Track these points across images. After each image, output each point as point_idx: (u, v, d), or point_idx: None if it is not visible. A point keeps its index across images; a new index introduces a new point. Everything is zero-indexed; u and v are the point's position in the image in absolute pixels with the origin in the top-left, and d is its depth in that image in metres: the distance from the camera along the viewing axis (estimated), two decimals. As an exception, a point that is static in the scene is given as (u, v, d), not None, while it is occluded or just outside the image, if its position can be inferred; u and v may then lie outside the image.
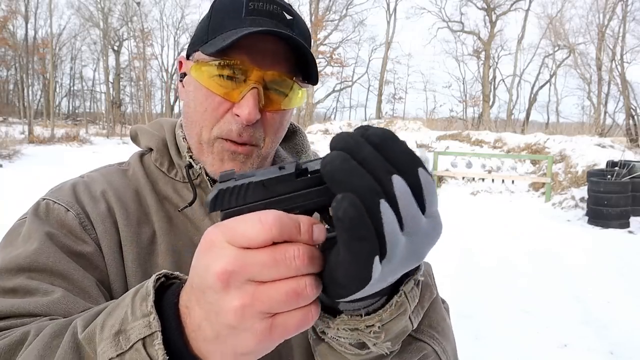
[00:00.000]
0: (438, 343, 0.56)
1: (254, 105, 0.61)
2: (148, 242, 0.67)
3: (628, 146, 15.77)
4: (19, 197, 9.05)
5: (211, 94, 0.63)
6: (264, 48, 0.62)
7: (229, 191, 0.38)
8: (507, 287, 4.81)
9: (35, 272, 0.57)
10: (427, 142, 14.82)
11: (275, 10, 0.64)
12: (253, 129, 0.64)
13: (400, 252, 0.35)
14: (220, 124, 0.64)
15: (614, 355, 3.45)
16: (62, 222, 0.64)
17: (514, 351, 3.46)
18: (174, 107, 34.23)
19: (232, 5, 0.64)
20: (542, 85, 31.36)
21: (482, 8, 30.32)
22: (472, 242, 6.60)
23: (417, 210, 0.35)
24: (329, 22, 32.70)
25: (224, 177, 0.39)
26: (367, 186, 0.33)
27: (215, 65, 0.62)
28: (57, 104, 36.99)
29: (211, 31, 0.64)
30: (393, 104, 38.39)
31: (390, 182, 0.34)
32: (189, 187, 0.71)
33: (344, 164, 0.33)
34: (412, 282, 0.45)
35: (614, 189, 7.74)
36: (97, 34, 33.04)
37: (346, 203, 0.32)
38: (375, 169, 0.34)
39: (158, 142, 0.75)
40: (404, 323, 0.45)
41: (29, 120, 21.24)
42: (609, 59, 24.62)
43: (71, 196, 0.67)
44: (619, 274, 5.32)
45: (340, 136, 0.36)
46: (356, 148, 0.34)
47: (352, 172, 0.33)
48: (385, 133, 0.36)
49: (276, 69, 0.63)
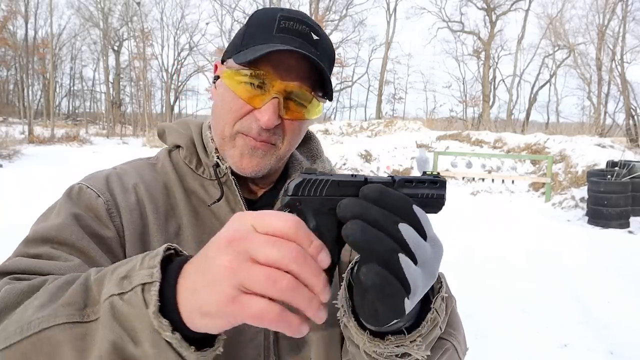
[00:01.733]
0: (454, 337, 0.65)
1: (274, 112, 0.68)
2: (174, 234, 0.72)
3: (628, 146, 15.78)
4: (19, 197, 9.05)
5: (237, 97, 0.70)
6: (288, 63, 0.68)
7: (310, 182, 0.48)
8: (507, 287, 4.81)
9: (58, 244, 0.63)
10: (427, 142, 14.82)
11: (304, 31, 0.70)
12: (271, 132, 0.71)
13: (420, 282, 0.44)
14: (242, 121, 0.71)
15: (614, 355, 3.45)
16: (90, 206, 0.69)
17: (514, 351, 3.46)
18: (173, 107, 34.24)
19: (266, 21, 0.70)
20: (542, 85, 31.39)
21: (482, 8, 30.33)
22: (472, 242, 6.60)
23: (423, 242, 0.45)
24: (329, 22, 32.70)
25: (308, 170, 0.50)
26: (385, 247, 0.42)
27: (243, 74, 0.69)
28: (57, 104, 36.98)
29: (245, 42, 0.71)
30: (393, 104, 38.44)
31: (399, 231, 0.43)
32: (215, 184, 0.76)
33: (363, 235, 0.42)
34: (440, 299, 0.56)
35: (614, 189, 7.74)
36: (97, 34, 33.06)
37: (372, 274, 0.42)
38: (385, 224, 0.43)
39: (187, 141, 0.80)
40: (436, 332, 0.56)
41: (29, 120, 21.24)
42: (609, 59, 24.62)
43: (104, 184, 0.72)
44: (619, 274, 5.32)
45: (346, 204, 0.45)
46: (365, 212, 0.44)
47: (371, 239, 0.42)
48: (379, 188, 0.45)
49: (297, 82, 0.69)
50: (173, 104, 34.07)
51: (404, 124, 20.23)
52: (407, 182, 0.52)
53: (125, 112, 35.00)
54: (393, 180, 0.51)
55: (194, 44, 34.53)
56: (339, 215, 0.46)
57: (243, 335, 0.71)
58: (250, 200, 0.78)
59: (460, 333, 0.68)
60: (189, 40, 34.77)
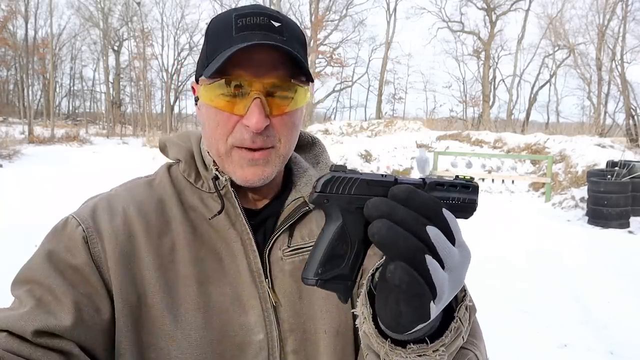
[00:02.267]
0: (477, 347, 0.63)
1: (260, 114, 0.65)
2: (169, 251, 0.70)
3: (628, 146, 15.77)
4: (19, 197, 9.05)
5: (220, 111, 0.67)
6: (258, 59, 0.65)
7: (339, 180, 0.47)
8: (507, 287, 4.81)
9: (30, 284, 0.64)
10: (427, 142, 14.82)
11: (263, 22, 0.66)
12: (265, 135, 0.67)
13: (447, 288, 0.43)
14: (234, 133, 0.67)
15: (614, 355, 3.45)
16: (69, 236, 0.69)
17: (514, 351, 3.46)
18: (173, 107, 34.23)
19: (223, 27, 0.67)
20: (542, 85, 31.39)
21: (482, 8, 30.32)
22: (471, 242, 6.58)
23: (451, 246, 0.44)
24: (329, 22, 32.70)
25: (338, 167, 0.48)
26: (412, 247, 0.41)
27: (217, 86, 0.66)
28: (57, 104, 36.98)
29: (209, 55, 0.67)
30: (393, 104, 38.44)
31: (426, 233, 0.42)
32: (214, 197, 0.74)
33: (389, 232, 0.41)
34: (463, 308, 0.54)
35: (614, 189, 7.74)
36: (97, 34, 33.06)
37: (399, 272, 0.40)
38: (412, 225, 0.42)
39: (186, 154, 0.78)
40: (459, 341, 0.54)
41: (29, 120, 21.24)
42: (609, 59, 24.62)
43: (89, 212, 0.71)
44: (619, 274, 5.32)
45: (374, 203, 0.44)
46: (392, 211, 0.43)
47: (397, 237, 0.41)
48: (408, 189, 0.44)
49: (273, 75, 0.66)
50: (173, 104, 34.07)
51: (404, 124, 20.23)
52: (438, 185, 0.51)
53: (125, 112, 35.01)
54: (424, 183, 0.50)
55: (194, 44, 34.54)
56: (366, 213, 0.44)
57: (245, 351, 0.69)
58: (252, 211, 0.75)
59: (481, 342, 0.66)
60: (189, 40, 34.80)
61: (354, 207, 0.48)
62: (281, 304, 0.71)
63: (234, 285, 0.70)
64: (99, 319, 0.64)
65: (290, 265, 0.73)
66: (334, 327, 0.73)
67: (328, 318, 0.73)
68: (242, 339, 0.68)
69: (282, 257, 0.73)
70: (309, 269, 0.49)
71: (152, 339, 0.66)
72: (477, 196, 0.52)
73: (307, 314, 0.73)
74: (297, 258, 0.73)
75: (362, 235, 0.49)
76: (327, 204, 0.48)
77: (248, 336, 0.69)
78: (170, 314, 0.67)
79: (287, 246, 0.73)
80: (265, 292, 0.71)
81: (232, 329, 0.68)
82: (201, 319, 0.67)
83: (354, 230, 0.49)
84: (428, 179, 0.51)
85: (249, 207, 0.75)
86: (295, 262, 0.73)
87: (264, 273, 0.71)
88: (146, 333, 0.66)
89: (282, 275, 0.72)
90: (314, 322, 0.73)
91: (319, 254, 0.49)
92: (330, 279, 0.49)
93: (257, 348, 0.69)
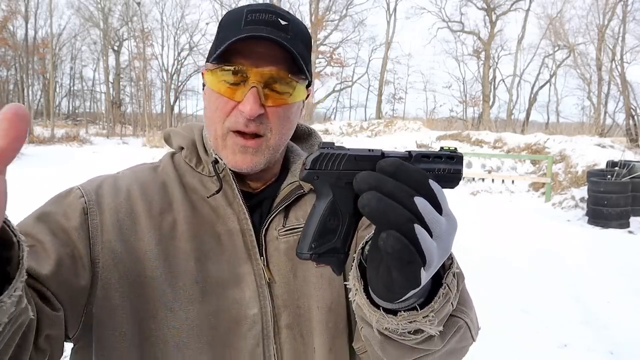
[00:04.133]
0: (467, 315, 0.65)
1: (254, 101, 0.69)
2: (169, 228, 0.74)
3: (628, 146, 15.78)
4: (18, 197, 9.04)
5: (220, 96, 0.72)
6: (261, 52, 0.70)
7: (327, 156, 0.48)
8: (507, 287, 4.82)
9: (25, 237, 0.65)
10: (427, 142, 14.82)
11: (271, 19, 0.71)
12: (258, 122, 0.72)
13: (436, 255, 0.45)
14: (230, 117, 0.72)
15: (614, 355, 3.45)
16: (70, 203, 0.72)
17: (514, 351, 3.46)
18: (173, 107, 34.23)
19: (234, 19, 0.72)
20: (542, 85, 31.38)
21: (482, 8, 30.32)
22: (472, 242, 6.60)
23: (438, 216, 0.45)
24: (329, 22, 32.69)
25: (325, 144, 0.49)
26: (401, 217, 0.43)
27: (220, 71, 0.71)
28: (57, 104, 36.97)
29: (218, 44, 0.72)
30: (393, 104, 38.41)
31: (414, 204, 0.44)
32: (213, 180, 0.79)
33: (379, 204, 0.43)
34: (451, 275, 0.57)
35: (614, 189, 7.74)
36: (97, 34, 33.05)
37: (391, 240, 0.42)
38: (401, 196, 0.44)
39: (188, 142, 0.83)
40: (448, 307, 0.56)
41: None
42: (609, 59, 24.62)
43: (95, 187, 0.76)
44: (619, 274, 5.32)
45: (363, 176, 0.45)
46: (381, 183, 0.44)
47: (387, 208, 0.43)
48: (395, 161, 0.46)
49: (273, 69, 0.70)
50: (173, 104, 34.07)
51: (404, 124, 20.24)
52: (424, 157, 0.52)
53: (125, 112, 35.01)
54: (410, 155, 0.52)
55: (194, 44, 34.55)
56: (355, 187, 0.46)
57: (240, 325, 0.72)
58: (249, 194, 0.79)
59: (472, 311, 0.68)
60: (189, 40, 34.79)
61: (343, 182, 0.49)
62: (275, 280, 0.75)
63: (230, 262, 0.74)
64: (75, 282, 0.65)
65: (285, 244, 0.77)
66: (327, 303, 0.77)
67: (321, 295, 0.77)
68: (237, 313, 0.72)
69: (277, 236, 0.77)
70: (303, 244, 0.51)
71: (152, 310, 0.70)
72: (462, 166, 0.54)
73: (300, 291, 0.76)
74: (292, 238, 0.78)
75: (352, 209, 0.50)
76: (317, 181, 0.50)
77: (243, 310, 0.72)
78: (169, 287, 0.70)
79: (282, 226, 0.78)
80: (260, 269, 0.74)
81: (227, 303, 0.72)
82: (198, 292, 0.71)
83: (344, 205, 0.50)
84: (414, 151, 0.52)
85: (246, 190, 0.79)
86: (289, 242, 0.77)
87: (259, 251, 0.75)
88: (145, 304, 0.69)
89: (277, 253, 0.76)
90: (307, 298, 0.77)
91: (311, 229, 0.51)
92: (324, 253, 0.51)
93: (251, 322, 0.72)
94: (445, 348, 0.61)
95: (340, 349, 0.77)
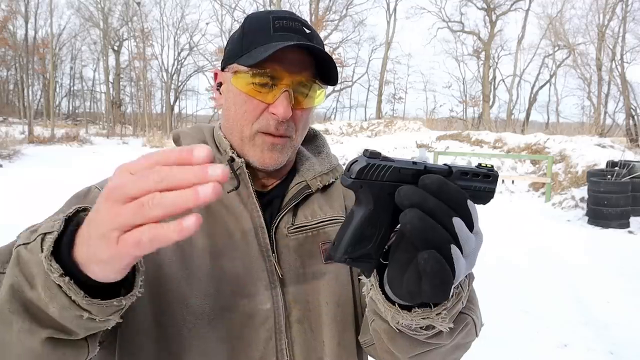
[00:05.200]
0: (474, 312, 0.68)
1: (287, 104, 0.73)
2: None
3: (628, 146, 15.77)
4: (18, 197, 9.05)
5: (250, 98, 0.74)
6: (292, 58, 0.73)
7: (373, 166, 0.49)
8: (507, 287, 4.82)
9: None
10: (427, 142, 14.82)
11: (297, 27, 0.76)
12: (287, 124, 0.75)
13: (463, 271, 0.48)
14: (260, 120, 0.75)
15: (614, 355, 3.45)
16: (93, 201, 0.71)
17: (514, 351, 3.46)
18: (173, 107, 34.23)
19: (261, 25, 0.76)
20: (542, 85, 31.38)
21: (482, 8, 30.32)
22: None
23: (470, 235, 0.48)
24: (329, 22, 32.68)
25: (373, 154, 0.50)
26: (440, 238, 0.46)
27: (252, 74, 0.73)
28: (57, 104, 36.97)
29: (245, 46, 0.75)
30: (393, 104, 38.42)
31: (452, 224, 0.47)
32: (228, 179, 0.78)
33: (420, 223, 0.45)
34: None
35: (614, 189, 7.74)
36: (97, 34, 33.05)
37: (432, 261, 0.45)
38: (441, 216, 0.46)
39: (200, 142, 0.84)
40: (459, 306, 0.59)
41: (29, 120, 21.23)
42: (609, 59, 24.62)
43: None
44: (619, 274, 5.32)
45: (406, 192, 0.47)
46: (423, 201, 0.47)
47: (427, 227, 0.45)
48: (439, 180, 0.48)
49: (302, 74, 0.75)
50: (173, 104, 34.06)
51: (404, 124, 20.25)
52: (463, 173, 0.54)
53: (125, 112, 35.00)
54: (450, 171, 0.53)
55: (194, 44, 34.54)
56: (397, 201, 0.48)
57: (253, 319, 0.74)
58: (260, 192, 0.81)
59: (478, 308, 0.71)
60: (189, 40, 34.78)
61: (385, 193, 0.50)
62: (286, 277, 0.78)
63: (243, 259, 0.76)
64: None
65: (295, 241, 0.79)
66: (335, 299, 0.79)
67: (329, 290, 0.79)
68: (250, 308, 0.74)
69: (287, 234, 0.79)
70: (340, 247, 0.52)
71: (168, 305, 0.72)
72: (496, 185, 0.57)
73: (309, 287, 0.79)
74: (301, 235, 0.80)
75: (390, 219, 0.52)
76: (361, 189, 0.51)
77: (256, 305, 0.75)
78: (185, 282, 0.72)
79: (292, 224, 0.80)
80: (272, 265, 0.77)
81: (241, 299, 0.74)
82: (213, 288, 0.73)
83: (383, 215, 0.51)
84: (454, 167, 0.53)
85: (257, 189, 0.81)
86: (299, 239, 0.80)
87: (270, 249, 0.77)
88: (161, 299, 0.72)
89: (287, 250, 0.79)
90: (316, 294, 0.79)
91: (348, 234, 0.52)
92: (358, 257, 0.52)
93: (264, 316, 0.75)
94: (452, 343, 0.64)
95: (349, 343, 0.80)
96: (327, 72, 0.77)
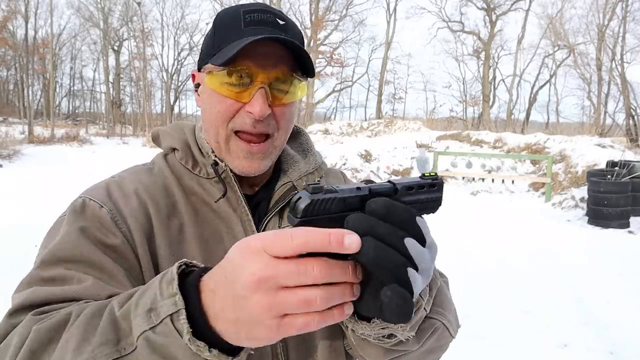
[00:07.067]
0: (444, 316, 0.68)
1: (264, 102, 0.70)
2: (177, 232, 0.74)
3: (628, 146, 15.77)
4: (19, 197, 9.05)
5: (224, 98, 0.72)
6: (265, 52, 0.70)
7: (317, 202, 0.47)
8: (507, 287, 4.81)
9: (70, 263, 0.64)
10: (427, 142, 14.81)
11: (269, 19, 0.72)
12: (265, 122, 0.73)
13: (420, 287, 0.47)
14: (235, 119, 0.73)
15: (614, 355, 3.45)
16: (95, 217, 0.70)
17: (514, 351, 3.46)
18: (173, 107, 34.22)
19: (232, 20, 0.72)
20: (542, 85, 31.38)
21: (482, 8, 30.32)
22: (472, 242, 6.60)
23: (424, 251, 0.47)
24: (329, 22, 32.68)
25: (315, 189, 0.48)
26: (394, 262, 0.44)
27: (224, 74, 0.70)
28: (57, 104, 36.97)
29: (217, 45, 0.72)
30: (393, 104, 38.43)
31: (404, 246, 0.45)
32: (212, 182, 0.78)
33: (376, 251, 0.43)
34: None
35: (614, 189, 7.74)
36: (97, 34, 33.06)
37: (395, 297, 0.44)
38: (393, 240, 0.45)
39: (181, 143, 0.82)
40: (421, 313, 0.59)
41: (29, 120, 21.23)
42: (609, 59, 24.62)
43: (105, 194, 0.74)
44: (619, 274, 5.32)
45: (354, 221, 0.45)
46: (372, 229, 0.45)
47: (383, 256, 0.44)
48: (385, 203, 0.46)
49: (278, 69, 0.71)
50: (173, 104, 34.06)
51: (404, 124, 20.24)
52: (408, 189, 0.53)
53: (125, 112, 35.01)
54: (395, 189, 0.52)
55: (194, 44, 34.53)
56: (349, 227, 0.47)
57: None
58: (248, 196, 0.80)
59: (450, 311, 0.70)
60: (189, 40, 34.81)
61: (336, 225, 0.48)
62: None
63: None
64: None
65: None
66: None
67: None
68: None
69: None
70: None
71: None
72: (442, 193, 0.56)
73: None
74: None
75: None
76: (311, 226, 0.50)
77: None
78: None
79: (278, 227, 0.79)
80: None
81: None
82: None
83: None
84: (398, 183, 0.52)
85: (245, 192, 0.80)
86: None
87: None
88: None
89: None
90: None
91: None
92: None
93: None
94: (422, 348, 0.65)
95: (340, 347, 0.80)
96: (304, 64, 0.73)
